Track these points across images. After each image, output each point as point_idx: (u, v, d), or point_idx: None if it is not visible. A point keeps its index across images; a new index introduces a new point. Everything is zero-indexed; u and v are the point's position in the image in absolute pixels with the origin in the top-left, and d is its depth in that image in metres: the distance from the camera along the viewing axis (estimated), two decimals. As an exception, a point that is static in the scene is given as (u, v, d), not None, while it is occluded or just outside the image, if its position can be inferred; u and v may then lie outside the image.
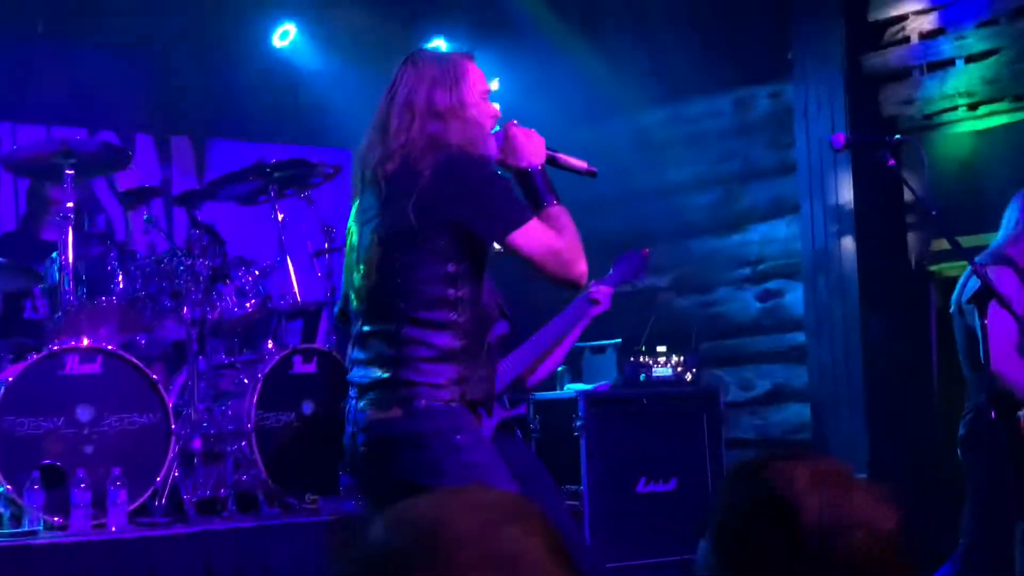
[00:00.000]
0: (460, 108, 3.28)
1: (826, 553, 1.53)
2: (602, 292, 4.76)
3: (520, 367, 4.67)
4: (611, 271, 4.92)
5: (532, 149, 3.33)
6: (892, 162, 4.31)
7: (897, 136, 4.60)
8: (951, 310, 4.87)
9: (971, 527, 4.81)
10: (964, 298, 4.61)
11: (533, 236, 3.20)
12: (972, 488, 4.81)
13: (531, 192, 3.32)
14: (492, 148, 3.34)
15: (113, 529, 4.91)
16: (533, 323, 4.81)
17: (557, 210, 3.29)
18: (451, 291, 3.23)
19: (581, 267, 3.23)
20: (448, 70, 3.31)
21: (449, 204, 3.19)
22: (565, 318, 4.77)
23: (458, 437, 3.21)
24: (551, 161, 3.42)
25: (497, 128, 3.39)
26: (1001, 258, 4.66)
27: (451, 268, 3.23)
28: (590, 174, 3.55)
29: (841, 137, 4.41)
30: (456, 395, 3.24)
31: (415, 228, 3.19)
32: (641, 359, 6.47)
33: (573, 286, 3.31)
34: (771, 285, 7.21)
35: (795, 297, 7.03)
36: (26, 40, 7.11)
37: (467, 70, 3.33)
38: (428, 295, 3.23)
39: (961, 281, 4.80)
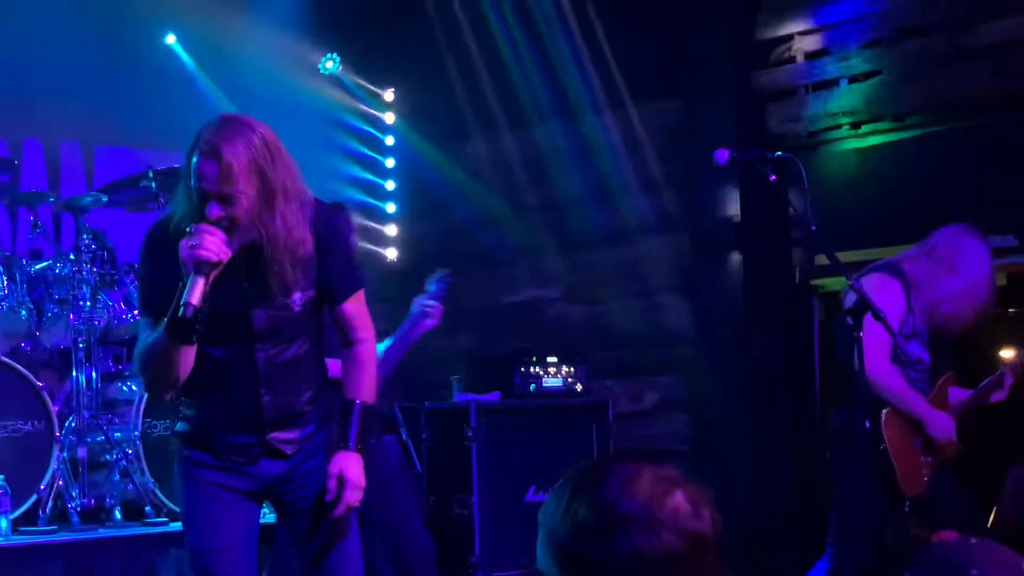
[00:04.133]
0: None
1: (637, 553, 1.54)
2: (436, 308, 4.91)
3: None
4: (433, 288, 5.01)
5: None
6: (773, 178, 4.41)
7: (778, 153, 4.71)
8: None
9: (836, 533, 4.85)
10: (845, 307, 4.71)
11: None
12: (838, 493, 4.86)
13: None
14: None
15: (-5, 537, 4.84)
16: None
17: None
18: None
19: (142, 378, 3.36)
20: None
21: None
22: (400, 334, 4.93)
23: None
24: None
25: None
26: (892, 269, 4.74)
27: None
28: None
29: (725, 153, 4.49)
30: None
31: None
32: (532, 369, 6.53)
33: None
34: (659, 298, 7.30)
35: (683, 310, 7.12)
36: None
37: None
38: None
39: (845, 291, 4.89)
